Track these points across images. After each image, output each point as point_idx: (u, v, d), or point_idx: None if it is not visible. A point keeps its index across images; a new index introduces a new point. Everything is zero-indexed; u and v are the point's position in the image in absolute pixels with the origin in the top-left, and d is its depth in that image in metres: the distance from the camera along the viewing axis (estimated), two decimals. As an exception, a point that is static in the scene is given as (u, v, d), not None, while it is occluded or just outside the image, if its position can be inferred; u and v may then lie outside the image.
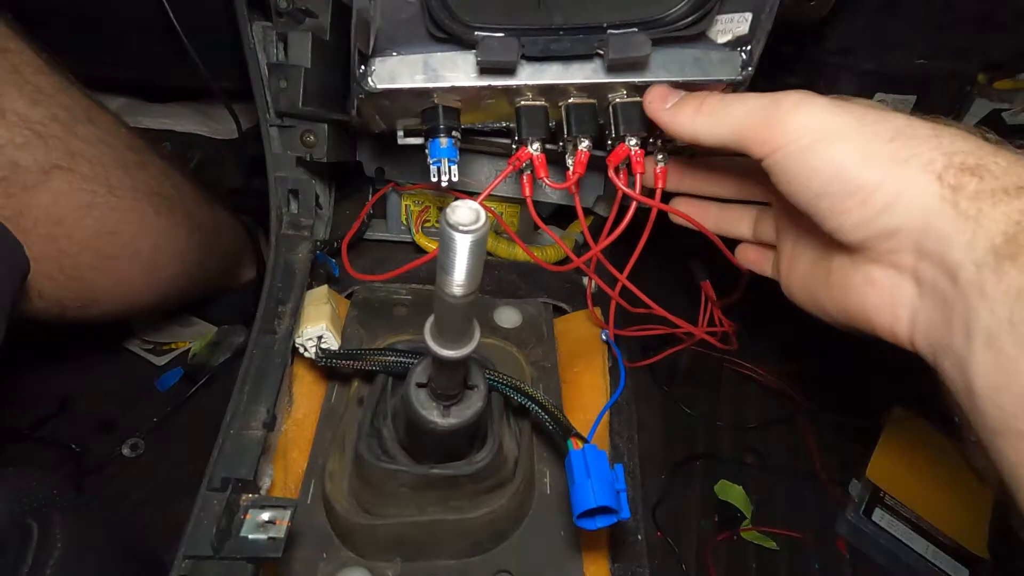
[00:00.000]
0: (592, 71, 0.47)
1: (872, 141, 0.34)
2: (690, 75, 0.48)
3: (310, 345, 0.54)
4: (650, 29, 0.44)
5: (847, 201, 0.35)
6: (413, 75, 0.46)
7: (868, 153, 0.34)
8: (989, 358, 0.30)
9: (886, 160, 0.34)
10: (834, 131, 0.35)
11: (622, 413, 0.61)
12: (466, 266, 0.31)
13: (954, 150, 0.33)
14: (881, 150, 0.34)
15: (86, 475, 0.81)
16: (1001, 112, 0.87)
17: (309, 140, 0.58)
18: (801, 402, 0.93)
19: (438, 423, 0.43)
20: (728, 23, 0.47)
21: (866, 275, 0.37)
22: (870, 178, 0.34)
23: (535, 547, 0.49)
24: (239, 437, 0.46)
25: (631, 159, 0.48)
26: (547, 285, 0.70)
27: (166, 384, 0.92)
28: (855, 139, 0.35)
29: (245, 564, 0.39)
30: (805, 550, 0.81)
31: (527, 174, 0.50)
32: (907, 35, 0.67)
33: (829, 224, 0.36)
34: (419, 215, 0.71)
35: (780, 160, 0.37)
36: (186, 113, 1.02)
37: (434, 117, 0.48)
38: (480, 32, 0.44)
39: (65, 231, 0.63)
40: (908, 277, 0.35)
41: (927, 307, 0.34)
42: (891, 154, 0.34)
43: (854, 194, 0.34)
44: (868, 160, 0.34)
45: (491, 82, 0.47)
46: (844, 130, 0.35)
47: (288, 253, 0.61)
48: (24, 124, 0.59)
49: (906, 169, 0.33)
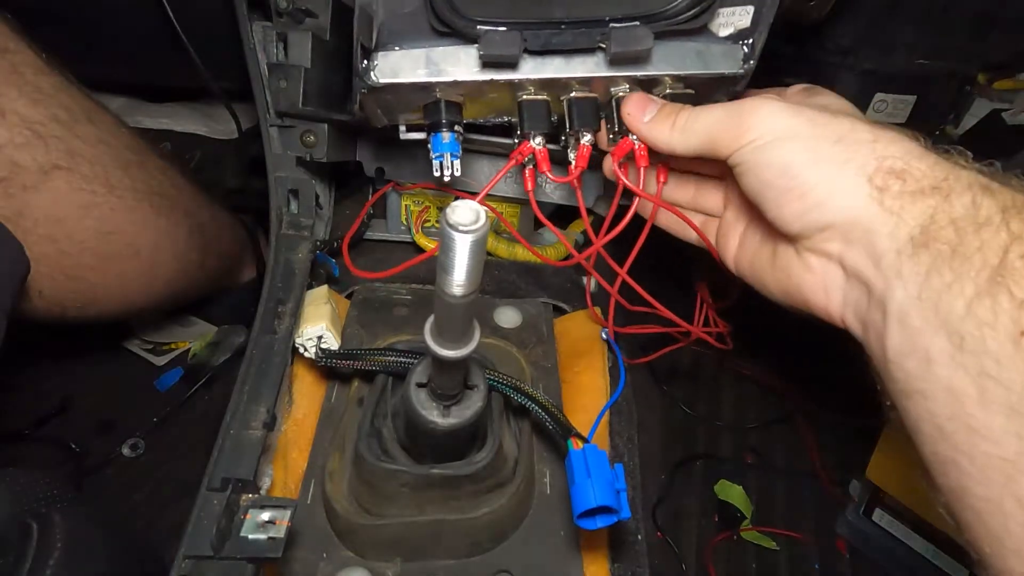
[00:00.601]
0: (594, 65, 0.47)
1: (819, 143, 0.39)
2: (692, 68, 0.48)
3: (310, 345, 0.54)
4: (652, 22, 0.45)
5: (788, 195, 0.40)
6: (416, 69, 0.46)
7: (813, 154, 0.39)
8: (899, 329, 0.35)
9: (827, 162, 0.38)
10: (788, 132, 0.40)
11: (622, 413, 0.61)
12: (466, 266, 0.31)
13: (886, 155, 0.37)
14: (824, 152, 0.38)
15: (86, 475, 0.81)
16: (1001, 112, 0.87)
17: (309, 140, 0.58)
18: (801, 402, 0.93)
19: (438, 423, 0.43)
20: (730, 16, 0.47)
21: (804, 261, 0.42)
22: (810, 177, 0.39)
23: (535, 547, 0.49)
24: (239, 437, 0.46)
25: (635, 153, 0.48)
26: (547, 285, 0.70)
27: (166, 384, 0.92)
28: (804, 141, 0.39)
29: (245, 564, 0.39)
30: (805, 550, 0.81)
31: (529, 168, 0.50)
32: (907, 35, 0.67)
33: (771, 213, 0.41)
34: (419, 215, 0.71)
35: (741, 156, 0.41)
36: (186, 113, 1.02)
37: (436, 112, 0.48)
38: (482, 26, 0.44)
39: (65, 231, 0.63)
40: (836, 264, 0.40)
41: (853, 289, 0.39)
42: (832, 156, 0.38)
43: (794, 189, 0.39)
44: (812, 161, 0.39)
45: (493, 76, 0.47)
46: (796, 132, 0.40)
47: (288, 253, 0.61)
48: (24, 124, 0.59)
49: (843, 171, 0.38)
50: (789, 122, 0.40)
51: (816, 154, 0.39)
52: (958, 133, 0.86)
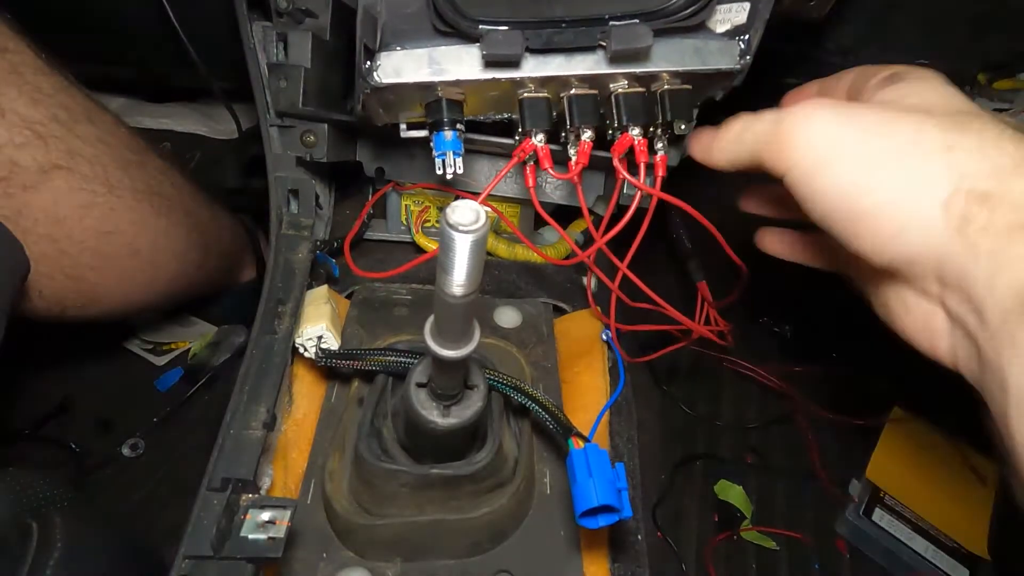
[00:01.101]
0: (594, 62, 0.47)
1: (875, 159, 0.32)
2: (690, 65, 0.48)
3: (310, 345, 0.54)
4: (651, 20, 0.45)
5: (858, 225, 0.33)
6: (418, 69, 0.46)
7: (871, 174, 0.32)
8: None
9: (888, 183, 0.32)
10: (836, 150, 0.33)
11: (622, 413, 0.61)
12: (466, 266, 0.31)
13: (965, 172, 0.30)
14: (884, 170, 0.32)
15: (86, 475, 0.81)
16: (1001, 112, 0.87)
17: (309, 140, 0.58)
18: (801, 402, 0.93)
19: (438, 423, 0.43)
20: (727, 13, 0.47)
21: (900, 298, 0.36)
22: (873, 203, 0.32)
23: (535, 547, 0.49)
24: (239, 437, 0.46)
25: (634, 148, 0.48)
26: (547, 285, 0.70)
27: (166, 384, 0.92)
28: (857, 158, 0.33)
29: (245, 564, 0.39)
30: (805, 550, 0.81)
31: (531, 165, 0.50)
32: (907, 35, 0.67)
33: (849, 247, 0.34)
34: (419, 215, 0.71)
35: (791, 182, 0.35)
36: (186, 113, 1.02)
37: (438, 110, 0.48)
38: (484, 26, 0.44)
39: (65, 231, 0.63)
40: (938, 305, 0.33)
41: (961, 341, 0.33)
42: (893, 176, 0.31)
43: (862, 219, 0.33)
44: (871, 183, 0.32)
45: (495, 75, 0.47)
46: (846, 147, 0.33)
47: (288, 253, 0.61)
48: (24, 124, 0.59)
49: (909, 194, 0.31)
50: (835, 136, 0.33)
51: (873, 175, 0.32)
52: (958, 133, 0.86)
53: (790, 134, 0.35)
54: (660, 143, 0.51)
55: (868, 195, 0.32)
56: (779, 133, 0.35)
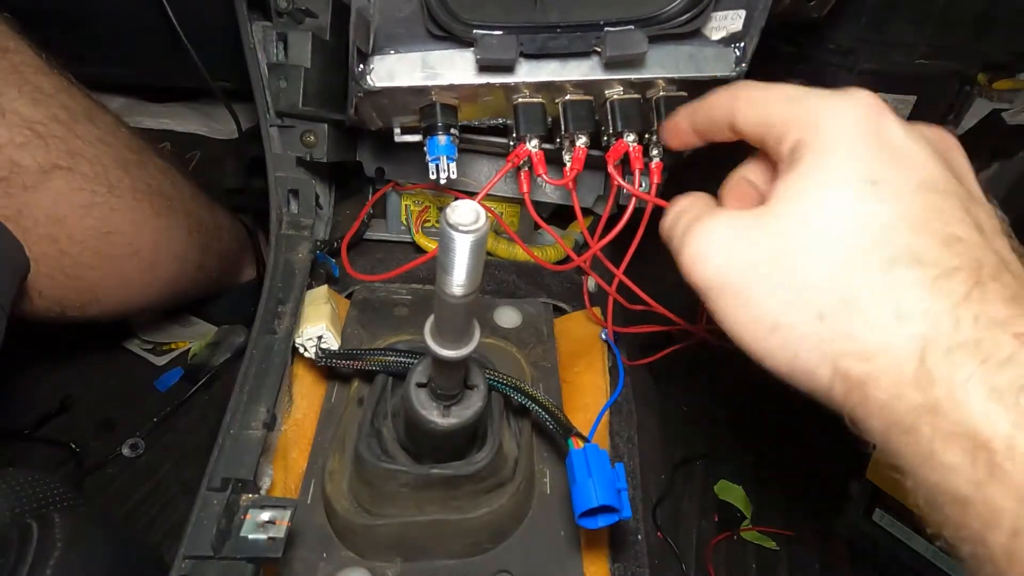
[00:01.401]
0: (589, 68, 0.47)
1: (765, 300, 0.31)
2: (685, 72, 0.48)
3: (310, 345, 0.54)
4: (646, 27, 0.45)
5: (763, 354, 0.32)
6: (412, 73, 0.46)
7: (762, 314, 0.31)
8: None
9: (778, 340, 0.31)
10: (728, 277, 0.32)
11: (622, 413, 0.61)
12: (466, 266, 0.31)
13: (839, 351, 0.28)
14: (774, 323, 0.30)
15: (86, 475, 0.81)
16: (1001, 112, 0.87)
17: (309, 140, 0.58)
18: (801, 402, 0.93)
19: (438, 423, 0.43)
20: (722, 20, 0.47)
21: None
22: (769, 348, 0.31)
23: (535, 547, 0.49)
24: (239, 437, 0.46)
25: (629, 155, 0.48)
26: (547, 285, 0.70)
27: (166, 384, 0.92)
28: (748, 290, 0.31)
29: (245, 564, 0.39)
30: (805, 550, 0.81)
31: (525, 171, 0.50)
32: (907, 35, 0.67)
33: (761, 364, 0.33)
34: (419, 215, 0.71)
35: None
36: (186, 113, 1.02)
37: (432, 114, 0.48)
38: (479, 30, 0.44)
39: (65, 231, 0.63)
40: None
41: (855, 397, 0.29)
42: (783, 335, 0.30)
43: (765, 357, 0.32)
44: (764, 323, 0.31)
45: (489, 80, 0.47)
46: (736, 276, 0.32)
47: (288, 253, 0.61)
48: (24, 124, 0.59)
49: (798, 361, 0.30)
50: (726, 264, 0.32)
51: (764, 316, 0.30)
52: (958, 133, 0.87)
53: (690, 261, 0.34)
54: (656, 149, 0.51)
55: (763, 335, 0.31)
56: (682, 258, 0.34)
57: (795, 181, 0.31)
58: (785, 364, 0.31)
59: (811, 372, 0.30)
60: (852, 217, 0.29)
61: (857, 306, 0.28)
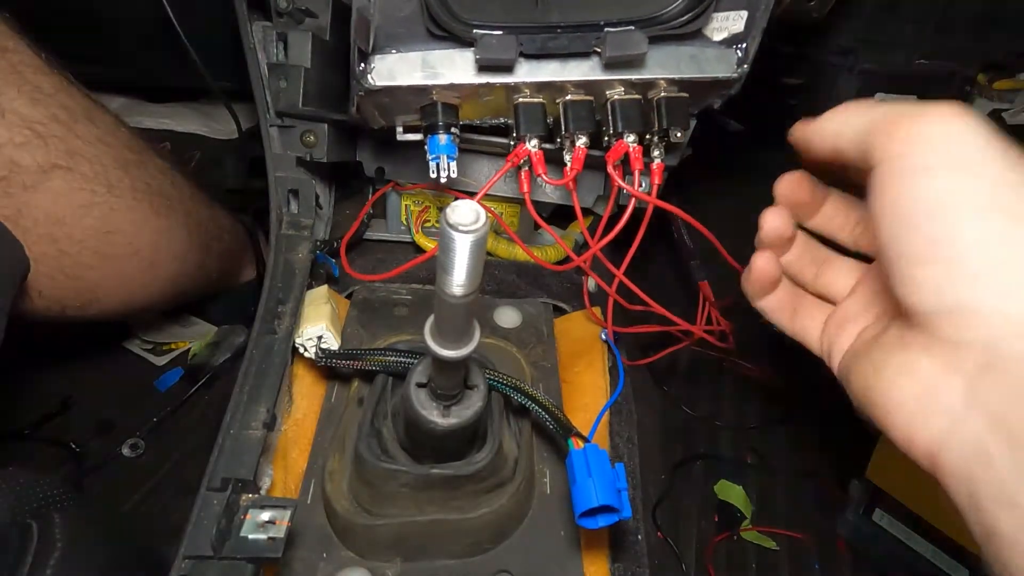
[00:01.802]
0: (589, 68, 0.47)
1: (1002, 191, 0.26)
2: (686, 72, 0.48)
3: (310, 345, 0.54)
4: (647, 27, 0.45)
5: (929, 251, 0.27)
6: (412, 72, 0.46)
7: (988, 203, 0.26)
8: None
9: (1003, 229, 0.26)
10: (961, 159, 0.27)
11: (622, 413, 0.61)
12: (466, 266, 0.31)
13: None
14: (1007, 207, 0.26)
15: (86, 475, 0.81)
16: (1001, 112, 0.87)
17: (309, 140, 0.58)
18: (801, 402, 0.93)
19: (438, 423, 0.43)
20: (724, 21, 0.47)
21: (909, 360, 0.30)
22: (970, 235, 0.26)
23: (535, 547, 0.49)
24: (239, 437, 0.46)
25: (629, 155, 0.48)
26: (547, 285, 0.70)
27: (166, 384, 0.92)
28: (981, 180, 0.26)
29: (245, 564, 0.39)
30: (805, 550, 0.80)
31: (525, 170, 0.50)
32: (907, 35, 0.67)
33: (896, 274, 0.29)
34: (419, 215, 0.71)
35: (884, 169, 0.29)
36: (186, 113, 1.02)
37: (433, 114, 0.48)
38: (479, 30, 0.44)
39: (65, 230, 0.63)
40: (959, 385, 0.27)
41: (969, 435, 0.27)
42: (1016, 217, 0.25)
43: (940, 246, 0.27)
44: (981, 212, 0.26)
45: (489, 80, 0.47)
46: (974, 162, 0.27)
47: (288, 253, 0.61)
48: (24, 124, 0.59)
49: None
50: (972, 144, 0.27)
51: (992, 205, 0.26)
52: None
53: (925, 115, 0.29)
54: (656, 150, 0.51)
55: (969, 224, 0.26)
56: (911, 112, 0.29)
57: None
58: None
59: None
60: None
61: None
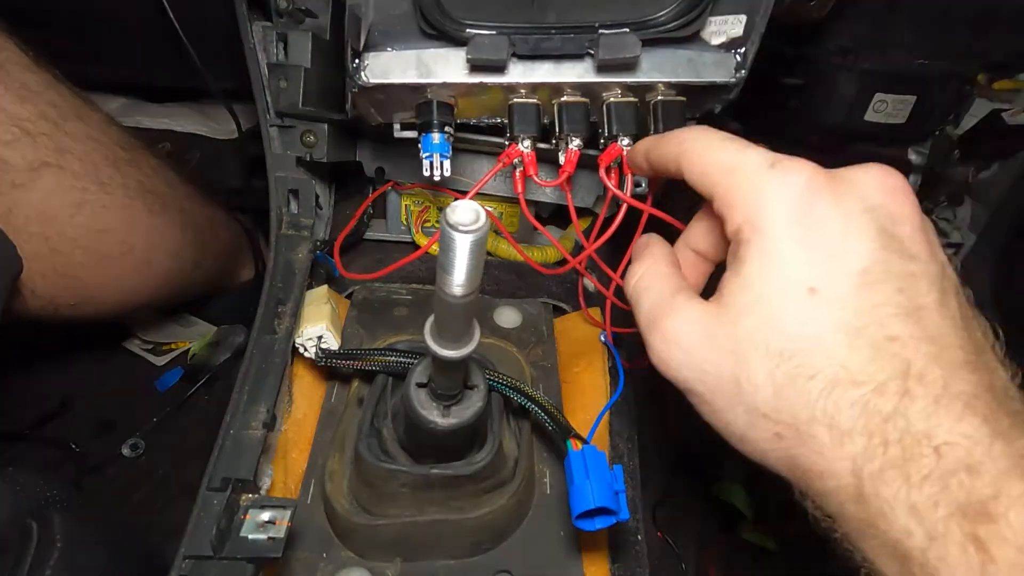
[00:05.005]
0: (584, 70, 0.47)
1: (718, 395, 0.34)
2: (683, 76, 0.48)
3: (310, 345, 0.54)
4: (642, 30, 0.44)
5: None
6: (406, 71, 0.46)
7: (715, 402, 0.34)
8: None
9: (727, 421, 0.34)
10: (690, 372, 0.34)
11: (622, 413, 0.61)
12: (466, 266, 0.31)
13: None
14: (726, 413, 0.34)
15: (86, 475, 0.81)
16: (1001, 112, 0.87)
17: (309, 140, 0.58)
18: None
19: (438, 423, 0.43)
20: (722, 25, 0.47)
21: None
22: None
23: (535, 547, 0.49)
24: (239, 437, 0.46)
25: (622, 159, 0.48)
26: (547, 285, 0.70)
27: (166, 384, 0.92)
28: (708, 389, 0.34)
29: (245, 564, 0.39)
30: (805, 550, 0.80)
31: (520, 171, 0.50)
32: (907, 35, 0.67)
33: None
34: (419, 215, 0.71)
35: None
36: (186, 113, 1.02)
37: (427, 112, 0.48)
38: (471, 30, 0.44)
39: (56, 229, 0.63)
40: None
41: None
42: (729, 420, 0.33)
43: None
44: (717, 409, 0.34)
45: (482, 79, 0.47)
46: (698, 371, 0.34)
47: (288, 253, 0.61)
48: (12, 121, 0.58)
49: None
50: (690, 360, 0.34)
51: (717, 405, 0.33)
52: (958, 133, 0.87)
53: (658, 359, 0.35)
54: None
55: (735, 441, 0.33)
56: (651, 351, 0.36)
57: (743, 288, 0.32)
58: (761, 464, 0.33)
59: (784, 476, 0.32)
60: (795, 337, 0.30)
61: (806, 431, 0.29)
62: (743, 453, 0.34)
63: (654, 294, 0.37)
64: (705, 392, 0.33)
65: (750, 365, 0.31)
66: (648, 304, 0.37)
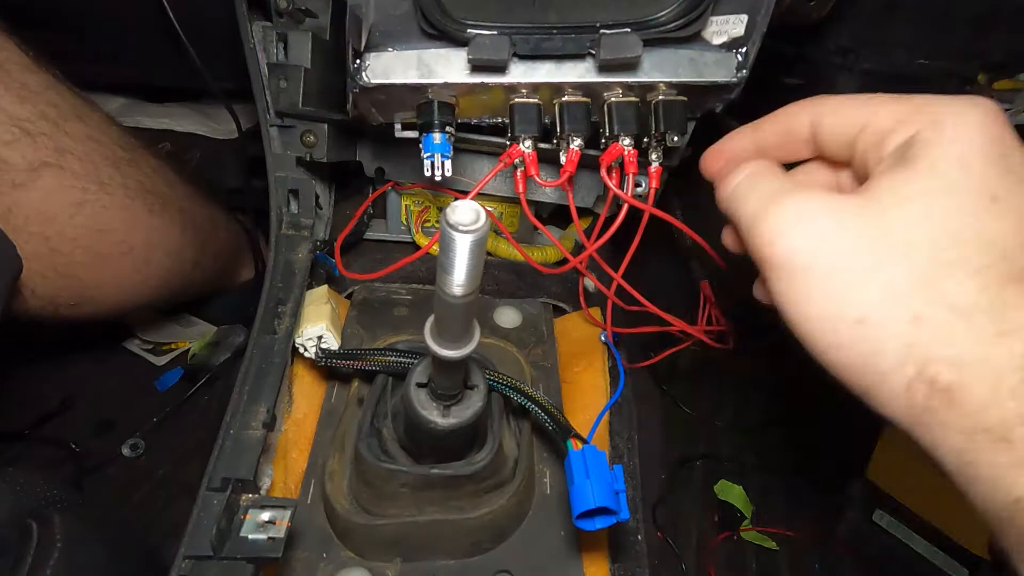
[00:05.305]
0: (585, 70, 0.47)
1: (859, 288, 0.29)
2: (684, 76, 0.48)
3: (310, 345, 0.54)
4: (643, 30, 0.44)
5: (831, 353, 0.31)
6: (406, 71, 0.46)
7: (851, 303, 0.29)
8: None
9: (865, 333, 0.29)
10: (822, 259, 0.30)
11: (622, 413, 0.61)
12: (466, 266, 0.31)
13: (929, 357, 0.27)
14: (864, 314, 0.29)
15: (86, 475, 0.81)
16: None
17: (309, 140, 0.58)
18: (801, 402, 0.93)
19: (438, 423, 0.43)
20: (723, 24, 0.47)
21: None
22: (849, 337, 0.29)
23: (535, 547, 0.49)
24: (239, 437, 0.46)
25: (623, 159, 0.48)
26: (547, 285, 0.70)
27: (166, 384, 0.92)
28: (844, 278, 0.29)
29: (245, 564, 0.39)
30: (805, 550, 0.81)
31: (521, 171, 0.50)
32: (907, 35, 0.67)
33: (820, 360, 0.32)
34: (419, 215, 0.71)
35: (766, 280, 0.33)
36: (186, 113, 1.02)
37: (428, 112, 0.48)
38: (472, 30, 0.44)
39: (56, 229, 0.63)
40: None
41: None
42: (869, 330, 0.29)
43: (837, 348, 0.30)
44: (850, 313, 0.29)
45: (483, 79, 0.47)
46: (835, 259, 0.30)
47: (288, 253, 0.61)
48: (11, 121, 0.58)
49: (878, 361, 0.29)
50: (822, 244, 0.30)
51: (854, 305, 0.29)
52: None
53: (773, 232, 0.32)
54: (654, 153, 0.51)
55: (846, 326, 0.30)
56: (762, 226, 0.32)
57: (910, 180, 0.29)
58: (859, 360, 0.30)
59: (888, 373, 0.29)
60: (971, 230, 0.28)
61: (965, 315, 0.27)
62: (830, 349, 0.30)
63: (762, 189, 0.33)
64: (827, 266, 0.30)
65: (912, 241, 0.29)
66: (757, 196, 0.33)
